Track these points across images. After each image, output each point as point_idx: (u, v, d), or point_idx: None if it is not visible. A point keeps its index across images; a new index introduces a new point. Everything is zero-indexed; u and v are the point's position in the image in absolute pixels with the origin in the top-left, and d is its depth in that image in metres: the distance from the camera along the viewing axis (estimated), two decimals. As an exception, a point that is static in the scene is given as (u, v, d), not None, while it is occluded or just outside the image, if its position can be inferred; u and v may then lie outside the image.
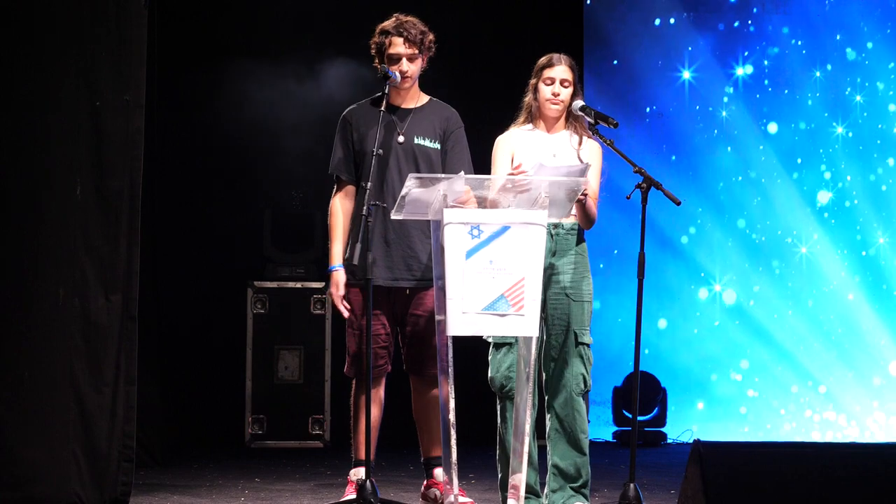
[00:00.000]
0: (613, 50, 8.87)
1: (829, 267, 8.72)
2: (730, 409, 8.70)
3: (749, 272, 8.78)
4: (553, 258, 5.16)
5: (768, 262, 8.78)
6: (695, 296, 8.77)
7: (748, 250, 8.79)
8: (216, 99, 8.24)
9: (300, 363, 8.07)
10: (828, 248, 8.73)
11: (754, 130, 8.81)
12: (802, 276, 8.75)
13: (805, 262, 8.76)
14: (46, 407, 4.99)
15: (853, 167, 8.74)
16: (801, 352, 8.67)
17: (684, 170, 8.80)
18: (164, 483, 6.28)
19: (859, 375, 8.61)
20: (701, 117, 8.86)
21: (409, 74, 5.42)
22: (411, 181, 4.87)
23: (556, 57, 5.25)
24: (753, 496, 3.93)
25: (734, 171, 8.82)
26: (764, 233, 8.80)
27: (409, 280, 5.42)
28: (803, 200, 8.76)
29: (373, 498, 4.96)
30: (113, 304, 5.11)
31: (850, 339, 8.65)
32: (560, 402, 5.17)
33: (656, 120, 8.86)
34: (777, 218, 8.80)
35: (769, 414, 8.66)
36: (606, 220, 5.35)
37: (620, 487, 5.03)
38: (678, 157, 8.81)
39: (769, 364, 8.69)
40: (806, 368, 8.66)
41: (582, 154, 5.25)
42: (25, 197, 5.04)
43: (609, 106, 8.52)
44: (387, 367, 5.50)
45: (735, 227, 8.82)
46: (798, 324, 8.69)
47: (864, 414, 8.56)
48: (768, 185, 8.79)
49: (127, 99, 5.16)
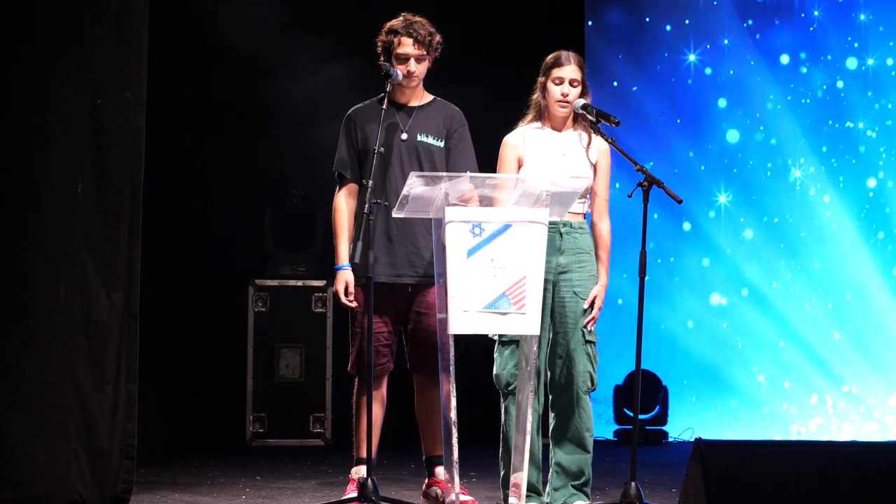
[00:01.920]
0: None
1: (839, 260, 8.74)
2: (731, 409, 8.72)
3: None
4: (562, 257, 5.16)
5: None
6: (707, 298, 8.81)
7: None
8: (216, 97, 8.24)
9: (301, 361, 8.07)
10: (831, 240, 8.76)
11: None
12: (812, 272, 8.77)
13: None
14: (47, 405, 4.99)
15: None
16: (805, 350, 8.68)
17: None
18: (165, 481, 6.29)
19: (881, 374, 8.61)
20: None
21: (415, 75, 5.41)
22: (413, 179, 4.87)
23: (565, 56, 5.24)
24: (754, 495, 3.93)
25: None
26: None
27: (412, 277, 5.42)
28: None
29: (374, 496, 4.96)
30: (114, 301, 5.11)
31: (872, 338, 8.64)
32: (566, 400, 5.17)
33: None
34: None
35: (770, 414, 8.68)
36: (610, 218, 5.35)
37: (622, 486, 5.03)
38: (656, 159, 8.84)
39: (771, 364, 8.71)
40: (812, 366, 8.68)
41: (591, 153, 5.26)
42: (26, 195, 5.04)
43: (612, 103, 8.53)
44: (389, 366, 5.50)
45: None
46: (808, 319, 8.70)
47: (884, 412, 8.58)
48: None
49: (128, 97, 5.16)
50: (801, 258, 8.75)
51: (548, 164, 5.18)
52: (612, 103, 8.53)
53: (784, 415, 8.66)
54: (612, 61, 8.86)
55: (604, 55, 8.85)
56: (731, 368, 8.75)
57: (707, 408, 8.74)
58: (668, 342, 8.73)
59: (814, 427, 8.60)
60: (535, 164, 5.19)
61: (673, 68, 8.89)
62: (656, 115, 8.88)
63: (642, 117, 8.85)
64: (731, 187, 8.81)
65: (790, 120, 8.78)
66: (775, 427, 8.63)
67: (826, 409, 8.63)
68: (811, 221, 8.75)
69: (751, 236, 8.80)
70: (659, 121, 8.87)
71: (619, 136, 5.26)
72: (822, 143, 8.77)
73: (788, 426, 8.62)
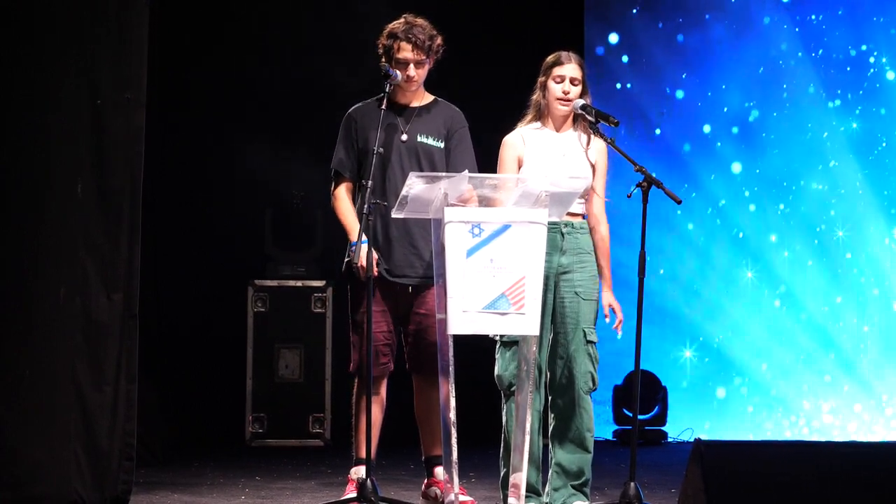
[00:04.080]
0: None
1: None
2: (730, 408, 8.73)
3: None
4: (563, 257, 5.16)
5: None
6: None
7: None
8: (217, 97, 8.25)
9: (301, 362, 8.07)
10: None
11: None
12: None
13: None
14: (47, 406, 4.98)
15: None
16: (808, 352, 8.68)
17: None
18: (165, 482, 6.29)
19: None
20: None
21: (415, 80, 5.41)
22: (413, 179, 4.88)
23: (565, 55, 5.25)
24: (754, 495, 3.93)
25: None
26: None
27: (412, 277, 5.42)
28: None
29: (373, 496, 4.96)
30: (114, 302, 5.11)
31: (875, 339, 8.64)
32: (567, 400, 5.17)
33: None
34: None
35: (770, 414, 8.69)
36: (608, 219, 5.35)
37: (621, 486, 5.04)
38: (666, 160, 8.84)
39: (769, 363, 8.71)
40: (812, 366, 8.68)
41: (590, 154, 5.27)
42: (26, 196, 5.03)
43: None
44: (389, 366, 5.50)
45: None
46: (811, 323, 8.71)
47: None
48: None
49: (128, 97, 5.16)
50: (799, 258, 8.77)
51: (547, 165, 5.18)
52: (613, 103, 8.54)
53: (783, 415, 8.66)
54: (613, 62, 8.87)
55: (604, 54, 8.86)
56: (731, 368, 8.75)
57: (706, 408, 8.74)
58: (668, 342, 8.75)
59: (811, 427, 8.61)
60: (535, 165, 5.19)
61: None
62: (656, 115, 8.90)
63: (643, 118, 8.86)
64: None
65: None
66: (775, 427, 8.64)
67: (826, 409, 8.64)
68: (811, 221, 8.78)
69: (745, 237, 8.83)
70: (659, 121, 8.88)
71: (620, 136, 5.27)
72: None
73: (787, 426, 8.63)
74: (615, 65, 8.89)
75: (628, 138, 8.58)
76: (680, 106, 8.88)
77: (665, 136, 8.86)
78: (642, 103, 8.87)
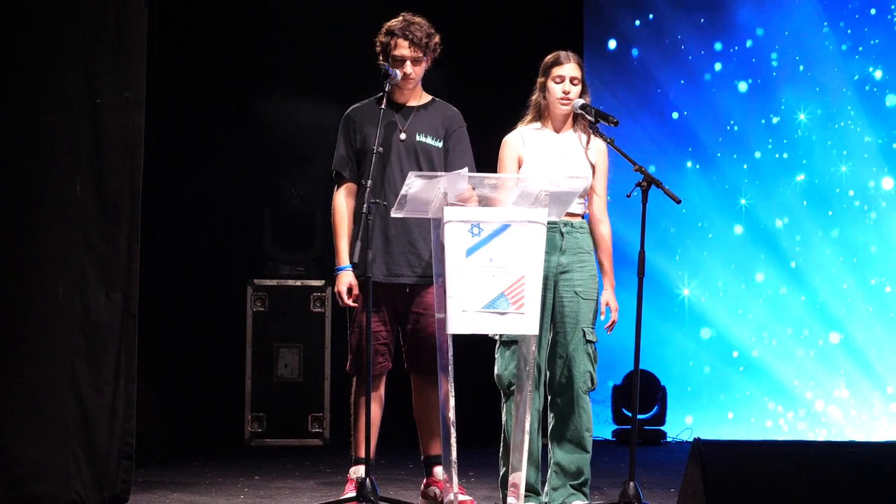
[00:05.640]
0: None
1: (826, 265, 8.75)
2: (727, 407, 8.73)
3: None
4: (563, 256, 5.16)
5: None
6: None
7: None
8: (216, 96, 8.24)
9: (300, 361, 8.07)
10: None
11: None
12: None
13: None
14: (46, 405, 4.99)
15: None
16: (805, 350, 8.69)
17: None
18: (164, 481, 6.28)
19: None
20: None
21: (412, 77, 5.41)
22: (412, 179, 4.87)
23: (564, 55, 5.25)
24: (753, 494, 3.93)
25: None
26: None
27: (410, 277, 5.42)
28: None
29: (372, 496, 4.96)
30: (113, 302, 5.11)
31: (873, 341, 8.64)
32: (567, 399, 5.17)
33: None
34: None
35: (767, 413, 8.69)
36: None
37: (620, 486, 5.03)
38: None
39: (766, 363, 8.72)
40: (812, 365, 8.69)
41: (590, 154, 5.26)
42: (25, 195, 5.04)
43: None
44: (387, 365, 5.50)
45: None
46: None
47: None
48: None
49: (127, 96, 5.16)
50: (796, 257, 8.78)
51: (547, 165, 5.18)
52: (611, 105, 8.55)
53: (782, 414, 8.66)
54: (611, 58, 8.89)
55: (604, 54, 8.87)
56: (730, 368, 8.75)
57: (705, 407, 8.74)
58: (667, 342, 8.75)
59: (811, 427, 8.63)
60: (535, 165, 5.19)
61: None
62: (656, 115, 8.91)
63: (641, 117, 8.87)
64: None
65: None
66: (774, 427, 8.64)
67: (824, 409, 8.64)
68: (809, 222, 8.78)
69: (740, 232, 8.82)
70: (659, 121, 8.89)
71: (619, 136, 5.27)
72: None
73: (787, 426, 8.63)
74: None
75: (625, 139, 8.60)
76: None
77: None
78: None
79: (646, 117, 8.92)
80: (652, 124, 8.92)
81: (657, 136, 8.90)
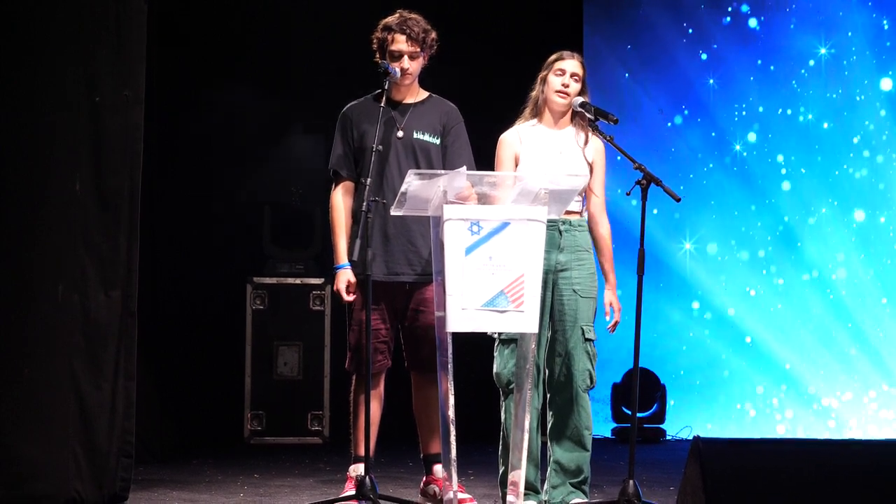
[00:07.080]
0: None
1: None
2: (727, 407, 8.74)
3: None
4: (561, 254, 5.16)
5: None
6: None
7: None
8: (216, 96, 8.24)
9: (299, 359, 8.07)
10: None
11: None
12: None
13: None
14: (46, 404, 4.99)
15: None
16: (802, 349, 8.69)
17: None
18: (164, 479, 6.28)
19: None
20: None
21: (409, 72, 5.41)
22: (411, 177, 4.87)
23: (568, 53, 5.27)
24: (753, 493, 3.93)
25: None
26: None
27: (409, 275, 5.42)
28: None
29: (372, 494, 4.97)
30: (112, 300, 5.11)
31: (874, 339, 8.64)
32: (566, 398, 5.17)
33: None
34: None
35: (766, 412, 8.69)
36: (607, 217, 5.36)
37: (620, 484, 5.03)
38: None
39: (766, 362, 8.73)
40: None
41: (587, 153, 5.26)
42: (25, 193, 5.04)
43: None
44: (387, 363, 5.50)
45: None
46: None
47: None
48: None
49: (126, 95, 5.16)
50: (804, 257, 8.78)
51: (544, 162, 5.18)
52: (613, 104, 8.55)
53: (782, 414, 8.66)
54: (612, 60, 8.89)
55: (604, 53, 8.87)
56: (730, 367, 8.75)
57: (705, 406, 8.74)
58: (667, 340, 8.75)
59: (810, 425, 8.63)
60: (532, 162, 5.19)
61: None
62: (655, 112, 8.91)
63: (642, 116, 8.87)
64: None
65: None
66: (775, 424, 8.64)
67: (823, 408, 8.64)
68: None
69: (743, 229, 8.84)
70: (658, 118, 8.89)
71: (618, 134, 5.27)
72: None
73: (786, 426, 8.64)
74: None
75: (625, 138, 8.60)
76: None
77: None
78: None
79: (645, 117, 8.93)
80: (651, 124, 8.92)
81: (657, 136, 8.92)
